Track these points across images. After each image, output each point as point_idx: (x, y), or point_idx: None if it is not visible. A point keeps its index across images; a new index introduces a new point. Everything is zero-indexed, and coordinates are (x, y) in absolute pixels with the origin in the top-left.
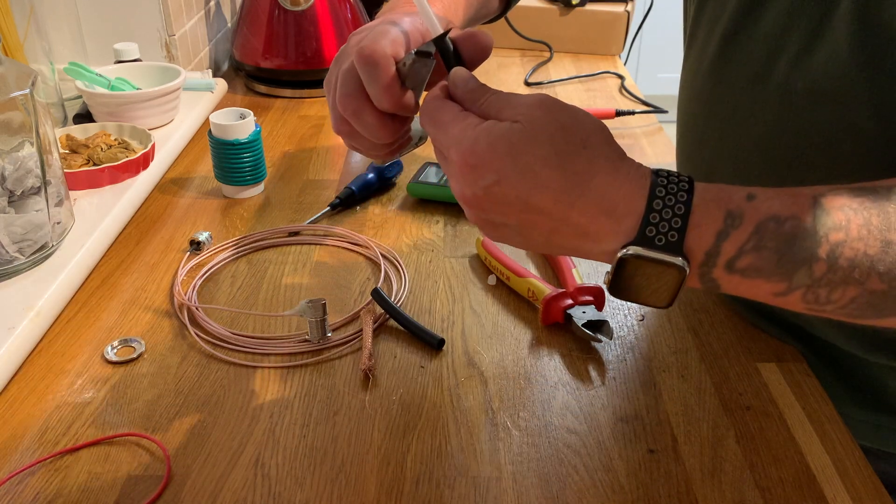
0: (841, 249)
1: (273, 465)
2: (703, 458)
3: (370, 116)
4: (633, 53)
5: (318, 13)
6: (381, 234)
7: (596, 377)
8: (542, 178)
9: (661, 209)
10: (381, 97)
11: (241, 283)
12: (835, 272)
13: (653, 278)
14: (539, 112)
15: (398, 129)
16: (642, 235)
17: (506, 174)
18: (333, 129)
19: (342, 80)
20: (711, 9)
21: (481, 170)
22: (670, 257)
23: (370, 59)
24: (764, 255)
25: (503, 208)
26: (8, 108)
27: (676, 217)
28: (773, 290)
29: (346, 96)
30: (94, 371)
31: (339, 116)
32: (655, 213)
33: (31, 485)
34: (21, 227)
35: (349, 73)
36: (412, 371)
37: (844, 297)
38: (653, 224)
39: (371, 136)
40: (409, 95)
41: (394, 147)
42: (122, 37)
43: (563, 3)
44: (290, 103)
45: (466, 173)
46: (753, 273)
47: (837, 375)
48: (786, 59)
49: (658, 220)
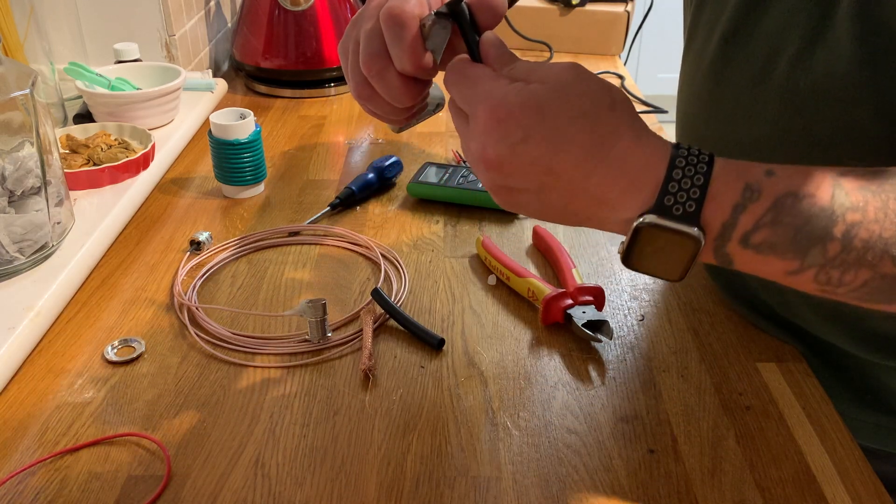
0: (856, 230)
1: (273, 465)
2: (703, 458)
3: (394, 77)
4: (633, 53)
5: (318, 13)
6: (381, 234)
7: (596, 377)
8: (568, 139)
9: (680, 179)
10: (405, 57)
11: (241, 283)
12: (848, 252)
13: (667, 249)
14: (568, 76)
15: (419, 91)
16: (660, 205)
17: (533, 132)
18: (353, 93)
19: (366, 41)
20: (710, 9)
21: (509, 125)
22: (687, 227)
23: (398, 18)
24: (779, 230)
25: (525, 169)
26: (8, 108)
27: (695, 188)
28: (785, 269)
29: (371, 56)
30: (94, 371)
31: (360, 79)
32: (675, 182)
33: (31, 485)
34: (21, 227)
35: (373, 33)
36: (412, 371)
37: (857, 279)
38: (671, 193)
39: (392, 99)
40: (429, 57)
41: (412, 112)
42: (122, 37)
43: (563, 3)
44: (290, 103)
45: (493, 129)
46: (768, 249)
47: (837, 375)
48: (786, 59)
49: (677, 189)
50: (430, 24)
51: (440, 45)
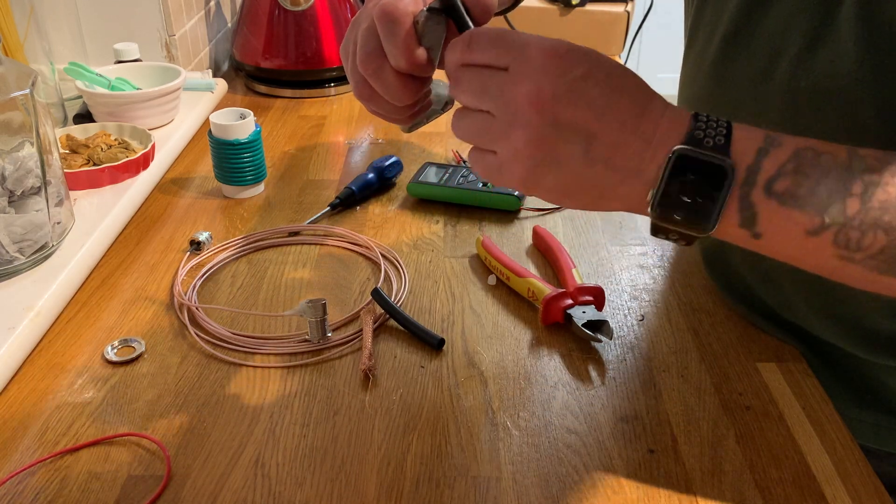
0: (874, 189)
1: (273, 465)
2: (703, 458)
3: (390, 75)
4: (633, 53)
5: (318, 13)
6: (381, 234)
7: (596, 377)
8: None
9: (706, 121)
10: (398, 54)
11: (241, 283)
12: (867, 212)
13: (701, 184)
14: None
15: (418, 89)
16: (692, 137)
17: (594, 69)
18: (354, 94)
19: (362, 40)
20: (712, 9)
21: (572, 61)
22: (719, 157)
23: (391, 15)
24: (801, 180)
25: (580, 112)
26: (8, 108)
27: (721, 128)
28: (807, 226)
29: (367, 55)
30: (94, 371)
31: (359, 79)
32: (702, 122)
33: (31, 485)
34: (21, 227)
35: (369, 32)
36: (412, 371)
37: (875, 244)
38: (700, 129)
39: (391, 97)
40: (424, 53)
41: (415, 110)
42: (122, 37)
43: (563, 3)
44: (290, 103)
45: (553, 64)
46: (790, 200)
47: (837, 375)
48: (788, 59)
49: (705, 127)
50: (424, 20)
51: (437, 41)
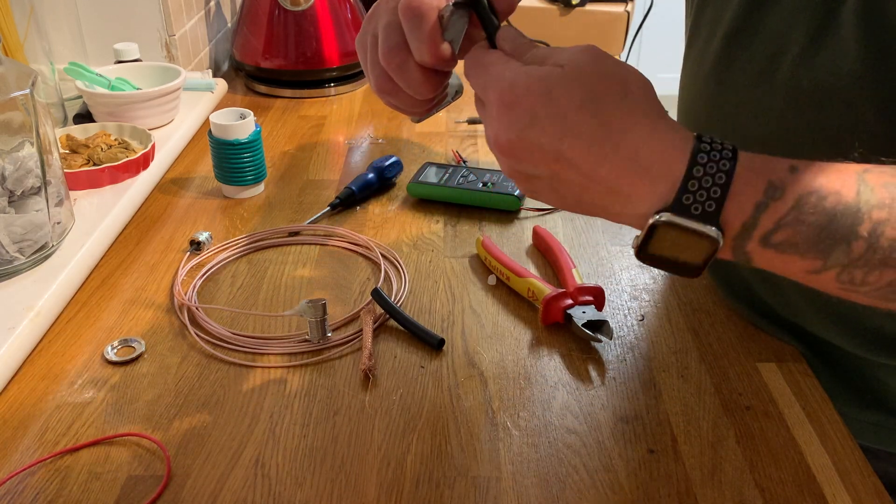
0: (882, 228)
1: (273, 465)
2: (703, 458)
3: (414, 70)
4: (633, 53)
5: (318, 13)
6: (381, 234)
7: (596, 377)
8: (574, 124)
9: (700, 176)
10: (424, 49)
11: (241, 283)
12: (874, 252)
13: (684, 247)
14: (584, 57)
15: (440, 82)
16: (678, 202)
17: (539, 116)
18: (373, 88)
19: (385, 34)
20: (713, 8)
21: (516, 110)
22: (705, 227)
23: (417, 10)
24: (802, 230)
25: (536, 156)
26: (8, 108)
27: (716, 186)
28: (806, 268)
29: (390, 49)
30: (94, 371)
31: (380, 73)
32: (695, 180)
33: (31, 485)
34: (21, 227)
35: (392, 27)
36: (412, 371)
37: (881, 279)
38: (691, 192)
39: (414, 92)
40: (448, 48)
41: (433, 102)
42: (122, 37)
43: (563, 3)
44: (290, 103)
45: (502, 114)
46: (789, 248)
47: (837, 375)
48: (790, 58)
49: (697, 187)
50: (449, 14)
51: (458, 34)
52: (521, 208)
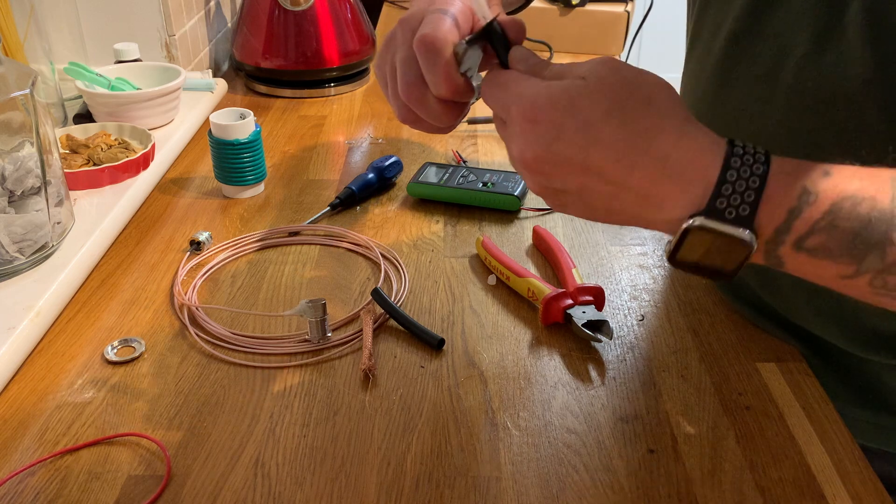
0: None
1: (273, 465)
2: (703, 458)
3: (434, 103)
4: (633, 53)
5: (318, 13)
6: (381, 234)
7: (596, 377)
8: (601, 134)
9: (734, 181)
10: (440, 83)
11: (241, 283)
12: None
13: (717, 252)
14: (604, 68)
15: (460, 110)
16: (711, 207)
17: (565, 129)
18: (398, 117)
19: (403, 70)
20: (716, 8)
21: (541, 125)
22: (739, 231)
23: (432, 46)
24: (835, 235)
25: (563, 169)
26: (8, 108)
27: (750, 190)
28: (839, 273)
29: (409, 85)
30: (94, 371)
31: (401, 105)
32: (729, 184)
33: (31, 485)
34: (21, 227)
35: (409, 61)
36: (412, 371)
37: None
38: (724, 196)
39: (435, 122)
40: (464, 81)
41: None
42: (122, 37)
43: (563, 3)
44: (290, 103)
45: (527, 130)
46: (822, 253)
47: (837, 375)
48: (794, 60)
49: (731, 192)
50: (463, 50)
51: (475, 64)
52: (521, 208)
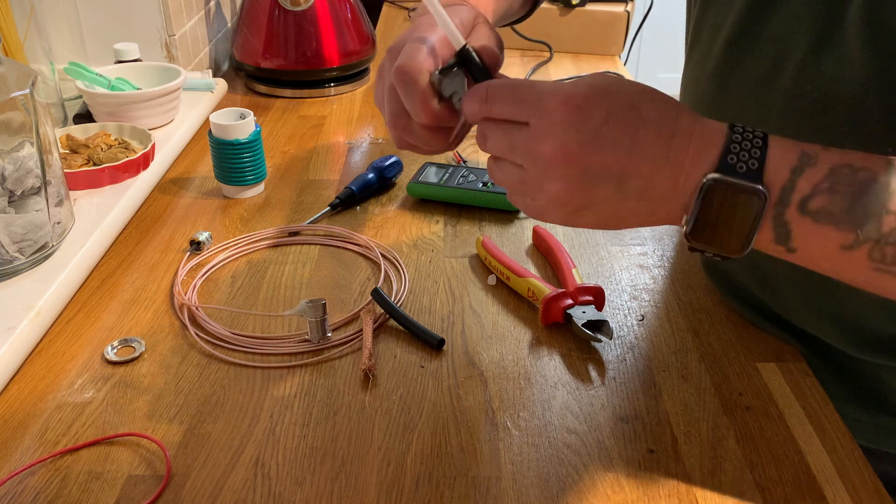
0: None
1: (273, 465)
2: (703, 458)
3: (420, 130)
4: (633, 53)
5: (318, 13)
6: (381, 234)
7: (596, 377)
8: (643, 113)
9: (740, 141)
10: (419, 112)
11: (241, 283)
12: None
13: (733, 210)
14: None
15: (449, 134)
16: (724, 163)
17: (614, 110)
18: (396, 146)
19: (388, 99)
20: (715, 12)
21: (590, 108)
22: (752, 183)
23: (407, 76)
24: (836, 199)
25: (608, 154)
26: (8, 108)
27: (755, 149)
28: (841, 242)
29: (392, 115)
30: (94, 371)
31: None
32: (736, 143)
33: (31, 485)
34: (21, 227)
35: (392, 92)
36: (412, 371)
37: None
38: (734, 153)
39: (427, 147)
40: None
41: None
42: (122, 37)
43: (563, 3)
44: (290, 103)
45: (573, 117)
46: (825, 218)
47: (837, 375)
48: (793, 63)
49: (738, 150)
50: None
51: (460, 88)
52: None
